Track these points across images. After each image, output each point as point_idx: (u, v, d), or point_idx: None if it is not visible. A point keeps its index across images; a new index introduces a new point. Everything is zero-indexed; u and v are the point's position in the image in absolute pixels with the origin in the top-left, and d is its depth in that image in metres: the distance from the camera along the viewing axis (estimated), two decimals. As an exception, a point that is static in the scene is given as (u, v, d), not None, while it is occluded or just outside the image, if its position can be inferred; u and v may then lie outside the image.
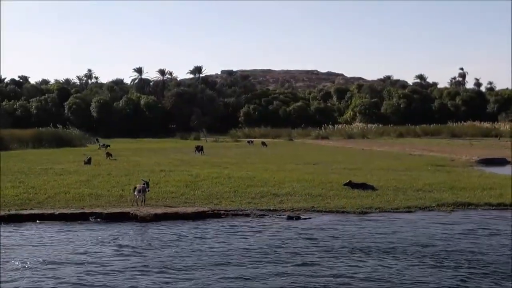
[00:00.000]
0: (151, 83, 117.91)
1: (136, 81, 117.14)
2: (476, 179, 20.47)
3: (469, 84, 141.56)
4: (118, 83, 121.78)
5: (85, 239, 11.59)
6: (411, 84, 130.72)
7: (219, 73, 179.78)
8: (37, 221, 13.41)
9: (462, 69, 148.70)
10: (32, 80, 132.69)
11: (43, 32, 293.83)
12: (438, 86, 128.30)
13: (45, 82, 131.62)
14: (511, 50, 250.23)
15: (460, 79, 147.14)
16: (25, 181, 19.36)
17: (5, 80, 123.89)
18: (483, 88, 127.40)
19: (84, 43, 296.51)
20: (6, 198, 15.74)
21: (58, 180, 19.75)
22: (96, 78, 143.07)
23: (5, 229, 12.64)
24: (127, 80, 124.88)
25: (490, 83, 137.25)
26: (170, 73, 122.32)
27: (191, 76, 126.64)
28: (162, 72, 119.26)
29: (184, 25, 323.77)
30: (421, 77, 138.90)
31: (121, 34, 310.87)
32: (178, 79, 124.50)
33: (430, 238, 11.46)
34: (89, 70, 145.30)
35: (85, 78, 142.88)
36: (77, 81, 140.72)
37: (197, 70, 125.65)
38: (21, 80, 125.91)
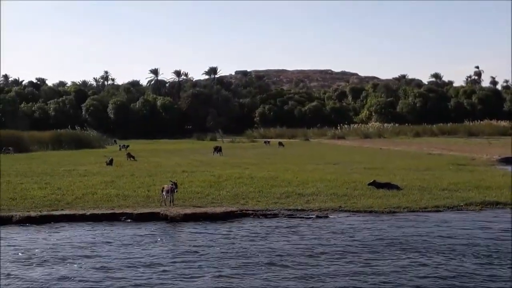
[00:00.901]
0: (167, 84, 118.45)
1: (152, 82, 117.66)
2: (501, 178, 20.37)
3: (485, 83, 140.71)
4: (134, 85, 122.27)
5: (126, 238, 11.73)
6: (426, 83, 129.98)
7: (233, 73, 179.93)
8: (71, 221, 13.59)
9: (477, 67, 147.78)
10: (50, 82, 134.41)
11: (60, 34, 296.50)
12: (454, 84, 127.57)
13: (62, 84, 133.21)
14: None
15: (476, 77, 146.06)
16: (51, 182, 19.62)
17: (23, 83, 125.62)
18: (499, 86, 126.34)
19: (101, 45, 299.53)
20: (35, 199, 15.97)
21: (83, 181, 19.97)
22: (113, 79, 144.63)
23: (40, 229, 12.81)
24: (143, 82, 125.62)
25: (506, 81, 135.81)
26: (186, 74, 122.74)
27: (207, 77, 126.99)
28: (177, 73, 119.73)
29: (198, 26, 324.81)
30: (436, 75, 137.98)
31: (137, 36, 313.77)
32: (194, 80, 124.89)
33: (472, 237, 11.39)
34: (106, 72, 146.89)
35: (102, 80, 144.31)
36: (94, 83, 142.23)
37: (212, 71, 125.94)
38: (38, 83, 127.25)
